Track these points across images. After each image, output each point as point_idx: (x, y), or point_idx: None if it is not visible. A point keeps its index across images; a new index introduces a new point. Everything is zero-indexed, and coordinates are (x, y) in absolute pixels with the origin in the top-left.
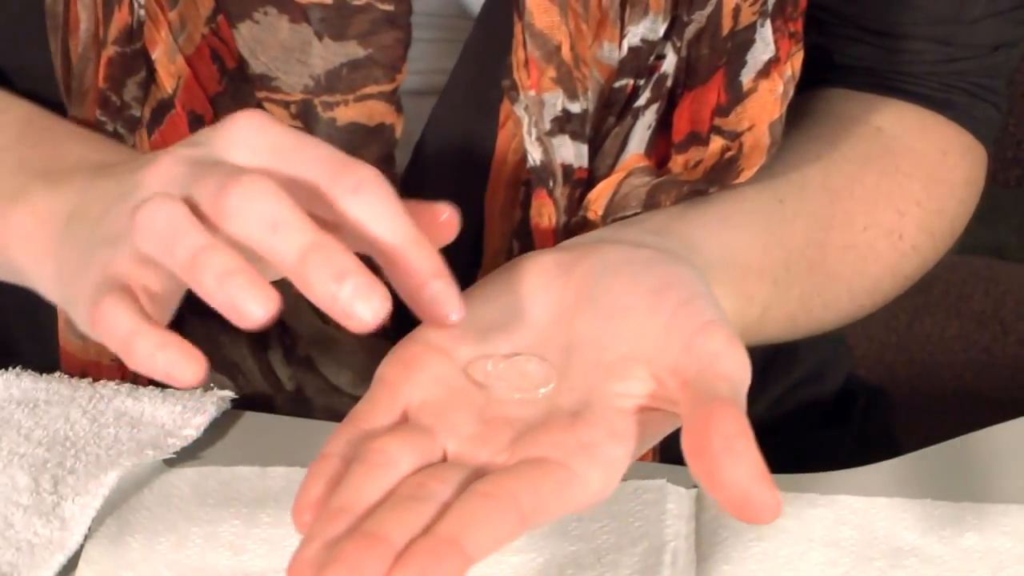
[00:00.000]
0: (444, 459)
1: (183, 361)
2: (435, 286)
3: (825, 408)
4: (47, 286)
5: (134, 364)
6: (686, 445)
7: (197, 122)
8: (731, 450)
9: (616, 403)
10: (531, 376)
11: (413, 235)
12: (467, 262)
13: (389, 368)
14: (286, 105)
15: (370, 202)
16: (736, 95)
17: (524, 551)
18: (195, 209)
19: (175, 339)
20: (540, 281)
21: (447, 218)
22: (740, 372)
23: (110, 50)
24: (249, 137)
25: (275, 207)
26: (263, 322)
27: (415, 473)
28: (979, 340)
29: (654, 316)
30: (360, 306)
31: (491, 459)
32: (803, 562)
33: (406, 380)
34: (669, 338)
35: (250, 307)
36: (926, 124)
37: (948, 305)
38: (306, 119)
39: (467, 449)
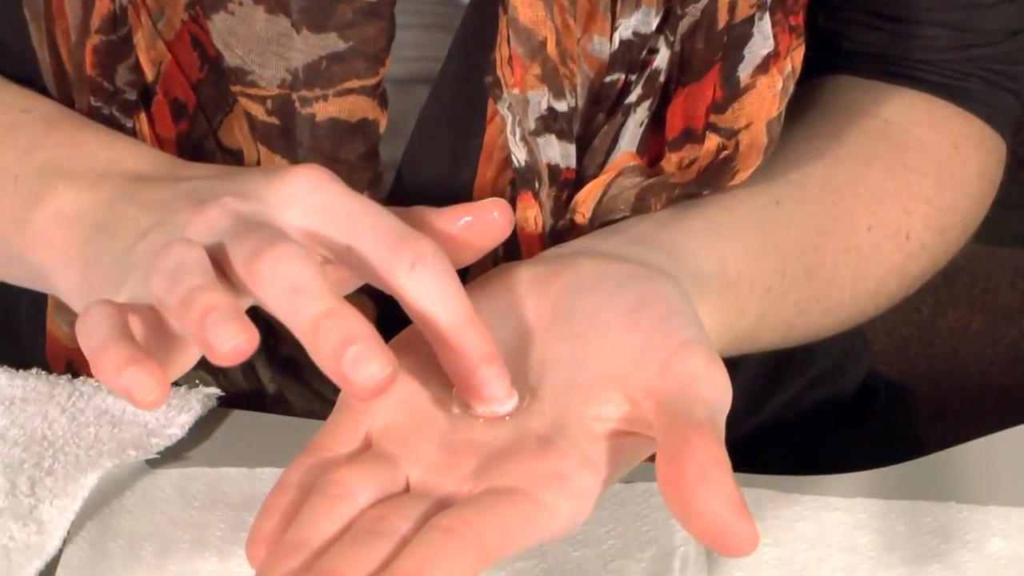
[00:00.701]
0: (407, 490)
1: (146, 384)
2: (486, 372)
3: (843, 406)
4: (70, 293)
5: (99, 375)
6: (660, 473)
7: (180, 110)
8: (706, 480)
9: (589, 427)
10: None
11: (467, 316)
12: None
13: None
14: (262, 100)
15: (426, 279)
16: (733, 91)
17: (527, 557)
18: (226, 265)
19: (144, 360)
20: (515, 297)
21: (500, 216)
22: (718, 395)
23: (95, 39)
24: (307, 198)
25: (299, 272)
26: (234, 359)
27: (375, 506)
28: (1005, 334)
29: (630, 335)
30: (360, 371)
31: (456, 488)
32: (820, 568)
33: (369, 405)
34: (645, 358)
35: (221, 339)
36: (937, 115)
37: (973, 298)
38: (283, 115)
39: (431, 478)
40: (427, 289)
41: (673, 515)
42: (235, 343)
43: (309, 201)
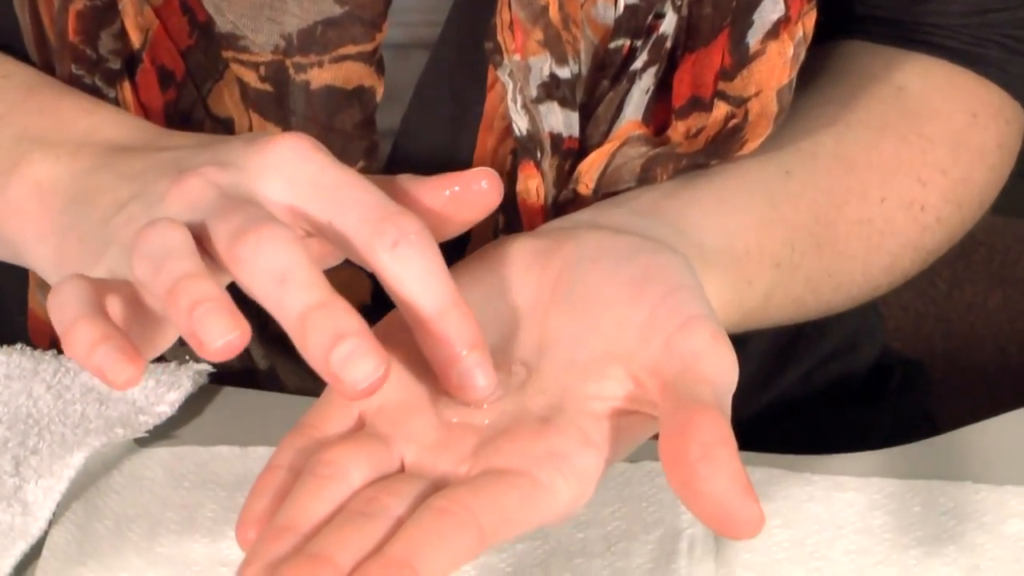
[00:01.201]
0: (401, 470)
1: (119, 363)
2: (469, 360)
3: (856, 384)
4: (45, 266)
5: (70, 353)
6: (663, 453)
7: (168, 78)
8: (710, 459)
9: (590, 406)
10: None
11: (451, 300)
12: (455, 238)
13: None
14: (255, 67)
15: (409, 259)
16: (742, 57)
17: (529, 539)
18: (207, 240)
19: (119, 338)
20: (514, 271)
21: (488, 186)
22: (724, 373)
23: (78, 3)
24: (288, 167)
25: (286, 259)
26: (225, 355)
27: (368, 486)
28: None
29: (633, 310)
30: (350, 369)
31: (452, 469)
32: (832, 550)
33: None
34: (649, 335)
35: (212, 335)
36: (954, 82)
37: (991, 272)
38: (277, 82)
39: (426, 458)
40: (409, 270)
41: (676, 495)
42: (227, 339)
43: (291, 171)
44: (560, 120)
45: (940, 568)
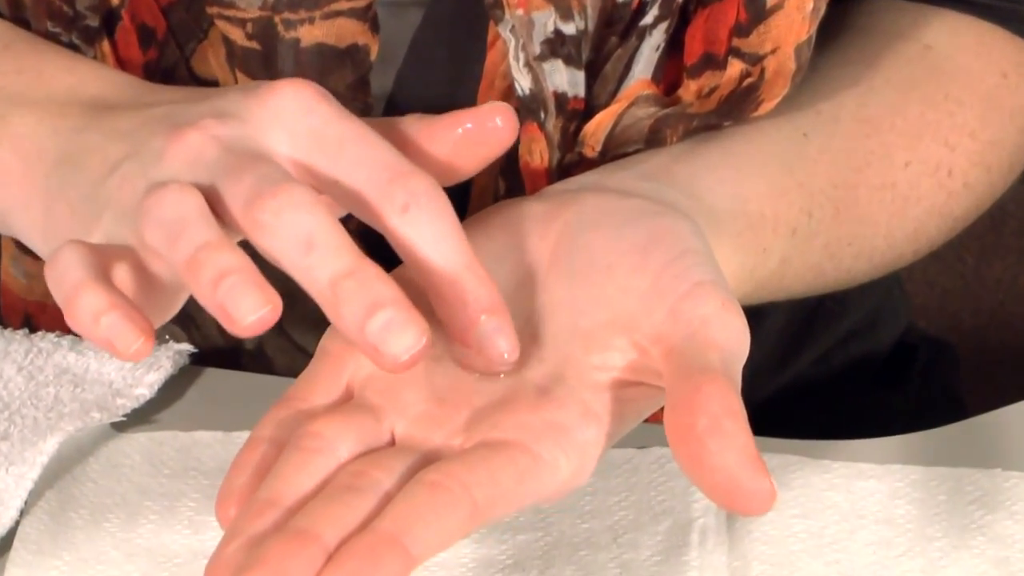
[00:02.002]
0: (392, 443)
1: (128, 332)
2: (487, 325)
3: (879, 364)
4: (32, 234)
5: (74, 323)
6: (668, 424)
7: (148, 36)
8: (718, 431)
9: (592, 377)
10: None
11: (466, 262)
12: (453, 203)
13: (334, 339)
14: (241, 23)
15: (420, 223)
16: (758, 12)
17: (529, 529)
18: (217, 202)
19: (126, 305)
20: (513, 236)
21: (503, 122)
22: (734, 340)
23: None
24: (290, 119)
25: (311, 224)
26: (257, 330)
27: (355, 460)
28: None
29: (638, 276)
30: (390, 341)
31: (445, 442)
32: (852, 542)
33: (352, 353)
34: (653, 302)
35: (243, 313)
36: (984, 40)
37: (1021, 246)
38: (264, 40)
39: (418, 431)
40: (421, 233)
41: (682, 470)
42: (259, 315)
43: (293, 124)
44: (565, 79)
45: (968, 560)
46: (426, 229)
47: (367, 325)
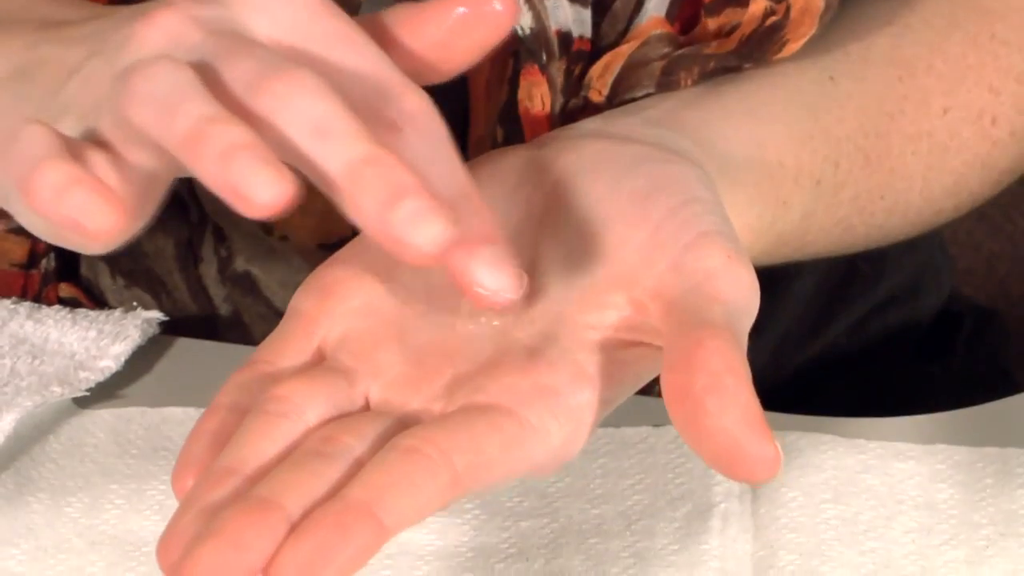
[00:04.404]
0: (366, 409)
1: (98, 206)
2: (486, 253)
3: (919, 334)
4: None
5: (33, 202)
6: (664, 383)
7: None
8: (719, 390)
9: (585, 336)
10: None
11: (461, 189)
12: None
13: (305, 297)
14: None
15: (414, 143)
16: None
17: (534, 515)
18: (209, 88)
19: (93, 180)
20: (506, 185)
21: (502, 5)
22: (740, 294)
23: None
24: (274, 7)
25: (323, 109)
26: (272, 210)
27: (325, 425)
28: None
29: (637, 228)
30: (416, 232)
31: (424, 406)
32: (889, 529)
33: (324, 312)
34: (654, 254)
35: (257, 189)
36: None
37: None
38: None
39: (394, 395)
40: (415, 154)
41: (679, 432)
42: (275, 191)
43: (277, 13)
44: (569, 16)
45: (1016, 550)
46: (421, 151)
47: (390, 215)
